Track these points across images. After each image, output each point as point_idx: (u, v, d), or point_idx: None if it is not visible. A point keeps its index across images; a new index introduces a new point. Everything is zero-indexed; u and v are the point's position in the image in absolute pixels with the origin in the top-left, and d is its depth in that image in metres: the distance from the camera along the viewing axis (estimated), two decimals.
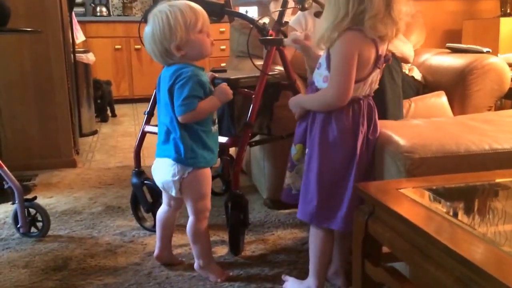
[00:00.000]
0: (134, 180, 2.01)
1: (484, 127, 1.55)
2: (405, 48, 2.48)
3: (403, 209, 1.06)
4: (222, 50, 5.48)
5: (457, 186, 1.24)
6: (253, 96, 1.81)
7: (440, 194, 1.19)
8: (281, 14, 1.87)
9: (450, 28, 3.50)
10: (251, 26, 1.84)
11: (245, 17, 2.02)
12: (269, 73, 1.86)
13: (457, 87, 2.35)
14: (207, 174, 1.62)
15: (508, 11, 3.56)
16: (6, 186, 2.00)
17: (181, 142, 1.54)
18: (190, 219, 1.64)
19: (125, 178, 2.75)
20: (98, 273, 1.73)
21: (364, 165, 1.46)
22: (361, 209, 1.21)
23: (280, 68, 2.04)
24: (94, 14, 5.89)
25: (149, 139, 1.95)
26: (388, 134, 1.45)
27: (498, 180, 1.28)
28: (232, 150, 2.33)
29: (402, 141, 1.39)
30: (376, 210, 1.16)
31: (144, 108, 2.08)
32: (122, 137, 4.02)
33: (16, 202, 1.99)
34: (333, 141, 1.43)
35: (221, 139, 1.80)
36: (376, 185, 1.28)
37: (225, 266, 1.75)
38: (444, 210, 1.08)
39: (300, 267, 1.72)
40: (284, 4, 1.86)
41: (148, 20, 1.53)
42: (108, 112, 4.87)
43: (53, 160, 3.05)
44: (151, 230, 2.02)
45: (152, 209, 2.00)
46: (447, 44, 2.72)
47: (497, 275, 0.76)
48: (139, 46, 5.48)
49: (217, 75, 1.86)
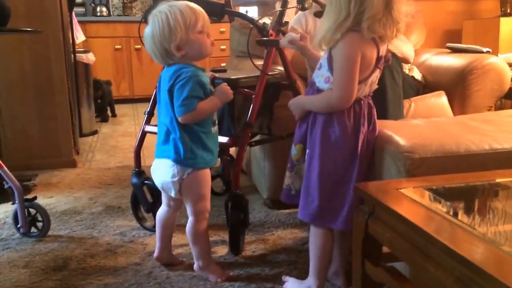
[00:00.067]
0: (134, 180, 2.01)
1: (484, 127, 1.55)
2: (406, 48, 2.48)
3: (403, 209, 1.06)
4: (222, 50, 5.48)
5: (457, 186, 1.24)
6: (253, 96, 1.81)
7: (440, 194, 1.19)
8: (281, 14, 1.86)
9: (450, 28, 3.49)
10: (251, 26, 1.84)
11: (245, 17, 2.02)
12: (269, 73, 1.86)
13: (457, 87, 2.35)
14: (207, 175, 1.62)
15: (508, 11, 3.56)
16: (6, 186, 2.00)
17: (181, 143, 1.54)
18: (190, 220, 1.64)
19: (125, 178, 2.75)
20: (98, 273, 1.73)
21: (365, 165, 1.47)
22: (361, 209, 1.21)
23: (281, 68, 2.04)
24: (94, 14, 5.89)
25: (149, 139, 1.95)
26: (388, 134, 1.45)
27: (498, 180, 1.28)
28: (232, 150, 2.33)
29: (402, 141, 1.39)
30: (376, 210, 1.16)
31: (144, 108, 2.08)
32: (122, 137, 4.02)
33: (16, 202, 1.99)
34: (335, 142, 1.43)
35: (222, 139, 1.81)
36: (376, 185, 1.28)
37: (225, 266, 1.75)
38: (444, 210, 1.08)
39: (300, 267, 1.72)
40: (284, 4, 1.86)
41: (148, 21, 1.53)
42: (108, 112, 4.87)
43: (53, 160, 3.05)
44: (151, 230, 2.02)
45: (152, 209, 2.00)
46: (447, 44, 2.72)
47: (497, 275, 0.76)
48: (139, 46, 5.48)
49: (217, 75, 1.86)
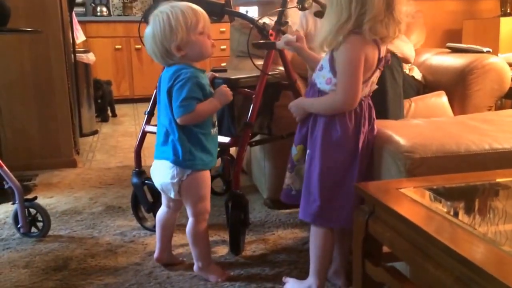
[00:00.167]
0: (135, 180, 2.01)
1: (484, 127, 1.55)
2: (406, 48, 2.48)
3: (404, 209, 1.06)
4: (223, 50, 5.48)
5: (458, 186, 1.24)
6: (254, 96, 1.81)
7: (441, 194, 1.19)
8: (281, 14, 1.86)
9: (450, 28, 3.49)
10: (251, 26, 1.84)
11: (245, 17, 2.02)
12: (269, 73, 1.86)
13: (457, 87, 2.35)
14: (206, 176, 1.61)
15: (508, 11, 3.56)
16: (7, 186, 2.00)
17: (179, 144, 1.53)
18: (190, 221, 1.64)
19: (126, 178, 2.75)
20: (99, 273, 1.73)
21: (365, 165, 1.47)
22: (362, 209, 1.21)
23: (282, 68, 2.04)
24: (95, 14, 5.89)
25: (150, 139, 1.95)
26: (389, 134, 1.45)
27: (499, 180, 1.28)
28: (233, 150, 2.33)
29: (403, 141, 1.39)
30: (377, 210, 1.16)
31: (145, 108, 2.08)
32: (123, 137, 4.02)
33: (17, 202, 1.99)
34: (336, 142, 1.43)
35: (223, 139, 1.81)
36: (377, 185, 1.28)
37: (226, 266, 1.75)
38: (445, 210, 1.08)
39: (301, 267, 1.72)
40: (284, 4, 1.86)
41: (149, 21, 1.53)
42: (109, 112, 4.87)
43: (54, 160, 3.05)
44: (152, 230, 2.02)
45: (153, 209, 2.00)
46: (447, 44, 2.72)
47: (497, 275, 0.76)
48: (140, 46, 5.48)
49: (217, 75, 1.86)
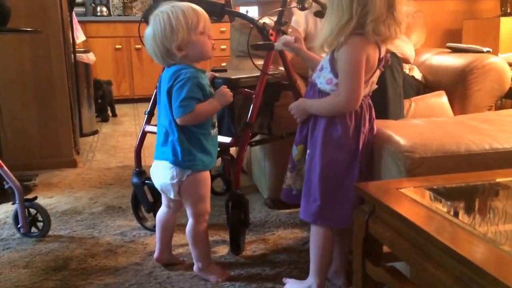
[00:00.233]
0: (135, 180, 2.01)
1: (485, 127, 1.54)
2: (406, 48, 2.48)
3: (404, 209, 1.06)
4: (223, 50, 5.48)
5: (458, 186, 1.24)
6: (254, 96, 1.81)
7: (441, 194, 1.19)
8: (281, 14, 1.86)
9: (450, 28, 3.49)
10: (251, 26, 1.84)
11: (245, 17, 2.01)
12: (270, 73, 1.86)
13: (458, 87, 2.35)
14: (206, 177, 1.61)
15: (508, 11, 3.56)
16: (7, 186, 2.00)
17: (179, 145, 1.53)
18: (190, 222, 1.64)
19: (126, 178, 2.75)
20: (99, 273, 1.73)
21: (365, 165, 1.47)
22: (362, 209, 1.21)
23: (282, 68, 2.04)
24: (95, 14, 5.89)
25: (150, 139, 1.95)
26: (389, 134, 1.45)
27: (499, 180, 1.28)
28: (233, 150, 2.33)
29: (403, 141, 1.39)
30: (377, 210, 1.16)
31: (145, 108, 2.08)
32: (123, 137, 4.02)
33: (17, 202, 1.99)
34: (336, 142, 1.43)
35: (224, 139, 1.81)
36: (377, 185, 1.28)
37: (226, 266, 1.75)
38: (445, 210, 1.08)
39: (301, 267, 1.72)
40: (284, 4, 1.86)
41: (150, 21, 1.52)
42: (109, 112, 4.87)
43: (54, 160, 3.05)
44: (152, 230, 2.02)
45: (153, 209, 2.00)
46: (448, 44, 2.71)
47: (497, 275, 0.76)
48: (140, 46, 5.48)
49: (217, 75, 1.86)
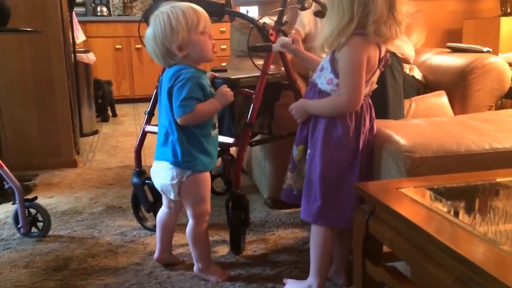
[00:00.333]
0: (135, 180, 2.01)
1: (485, 127, 1.54)
2: (406, 48, 2.48)
3: (404, 209, 1.06)
4: (223, 50, 5.48)
5: (458, 186, 1.24)
6: (254, 96, 1.81)
7: (441, 194, 1.19)
8: (281, 14, 1.86)
9: (451, 28, 3.49)
10: (251, 26, 1.84)
11: (245, 17, 2.02)
12: (270, 73, 1.85)
13: (458, 87, 2.35)
14: (206, 178, 1.61)
15: (509, 11, 3.56)
16: (7, 186, 2.00)
17: (178, 145, 1.53)
18: (190, 223, 1.64)
19: (126, 178, 2.75)
20: (99, 273, 1.73)
21: (365, 164, 1.47)
22: (362, 209, 1.21)
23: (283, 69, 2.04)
24: (95, 14, 5.89)
25: (150, 139, 1.95)
26: (389, 134, 1.45)
27: (499, 180, 1.28)
28: (233, 150, 2.33)
29: (403, 141, 1.39)
30: (377, 210, 1.16)
31: (145, 108, 2.08)
32: (123, 137, 4.03)
33: (17, 202, 1.99)
34: (337, 142, 1.43)
35: (226, 140, 1.81)
36: (377, 185, 1.28)
37: (226, 266, 1.75)
38: (445, 210, 1.08)
39: (301, 267, 1.72)
40: (284, 4, 1.86)
41: (150, 22, 1.52)
42: (109, 112, 4.87)
43: (54, 160, 3.05)
44: (152, 230, 2.02)
45: (153, 209, 2.00)
46: (448, 44, 2.71)
47: (497, 275, 0.76)
48: (140, 46, 5.48)
49: (217, 75, 1.86)
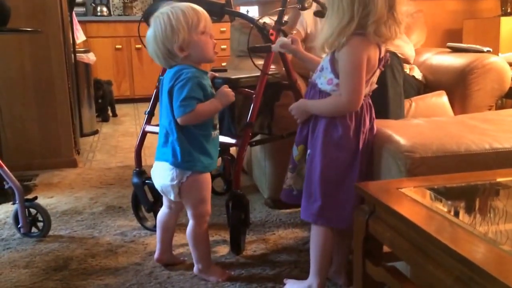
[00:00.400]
0: (135, 180, 2.01)
1: (485, 127, 1.54)
2: (406, 48, 2.48)
3: (404, 209, 1.06)
4: (223, 50, 5.48)
5: (458, 186, 1.24)
6: (254, 96, 1.81)
7: (441, 194, 1.19)
8: (281, 14, 1.86)
9: (451, 28, 3.49)
10: (252, 26, 1.84)
11: (245, 17, 2.01)
12: (270, 73, 1.85)
13: (458, 87, 2.35)
14: (207, 179, 1.61)
15: (509, 11, 3.56)
16: (7, 186, 2.01)
17: (178, 145, 1.53)
18: (190, 223, 1.64)
19: (126, 178, 2.75)
20: (99, 273, 1.73)
21: (365, 164, 1.47)
22: (362, 209, 1.21)
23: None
24: (95, 14, 5.89)
25: (150, 139, 1.95)
26: (389, 134, 1.45)
27: (499, 180, 1.28)
28: (233, 150, 2.33)
29: (403, 141, 1.39)
30: (377, 210, 1.16)
31: (145, 108, 2.08)
32: (123, 137, 4.03)
33: (17, 202, 1.99)
34: (337, 142, 1.43)
35: (228, 140, 1.81)
36: (377, 185, 1.28)
37: (226, 266, 1.75)
38: (445, 210, 1.08)
39: (302, 267, 1.72)
40: (284, 4, 1.86)
41: (150, 23, 1.52)
42: (109, 112, 4.88)
43: (54, 160, 3.05)
44: (152, 230, 2.02)
45: (153, 209, 2.00)
46: (448, 44, 2.71)
47: (497, 275, 0.76)
48: (140, 46, 5.49)
49: (218, 75, 1.86)
